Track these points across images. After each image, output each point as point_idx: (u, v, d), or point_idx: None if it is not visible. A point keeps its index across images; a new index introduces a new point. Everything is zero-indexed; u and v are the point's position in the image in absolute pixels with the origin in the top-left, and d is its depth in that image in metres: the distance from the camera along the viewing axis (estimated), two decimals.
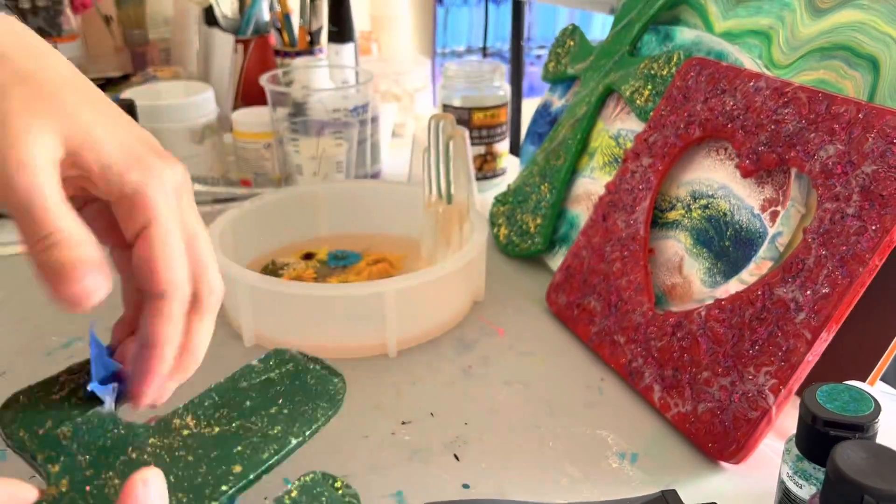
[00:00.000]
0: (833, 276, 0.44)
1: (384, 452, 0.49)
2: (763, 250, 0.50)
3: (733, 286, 0.51)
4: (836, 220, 0.45)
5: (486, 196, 0.88)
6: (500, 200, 0.79)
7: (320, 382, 0.39)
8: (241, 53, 1.06)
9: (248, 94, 1.06)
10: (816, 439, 0.36)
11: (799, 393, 0.44)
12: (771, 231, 0.50)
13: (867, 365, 0.48)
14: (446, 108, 0.91)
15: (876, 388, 0.49)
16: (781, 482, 0.39)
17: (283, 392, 0.38)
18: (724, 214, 0.54)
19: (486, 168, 0.91)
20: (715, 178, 0.56)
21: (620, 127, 0.68)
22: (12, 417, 0.35)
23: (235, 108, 1.03)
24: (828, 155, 0.46)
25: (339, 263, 0.71)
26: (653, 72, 0.64)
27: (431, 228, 0.69)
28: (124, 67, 1.21)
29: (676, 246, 0.57)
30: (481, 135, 0.90)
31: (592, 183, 0.69)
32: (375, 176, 0.95)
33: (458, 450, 0.49)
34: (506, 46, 1.58)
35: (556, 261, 0.70)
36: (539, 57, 1.65)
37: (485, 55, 1.60)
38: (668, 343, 0.52)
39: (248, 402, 0.37)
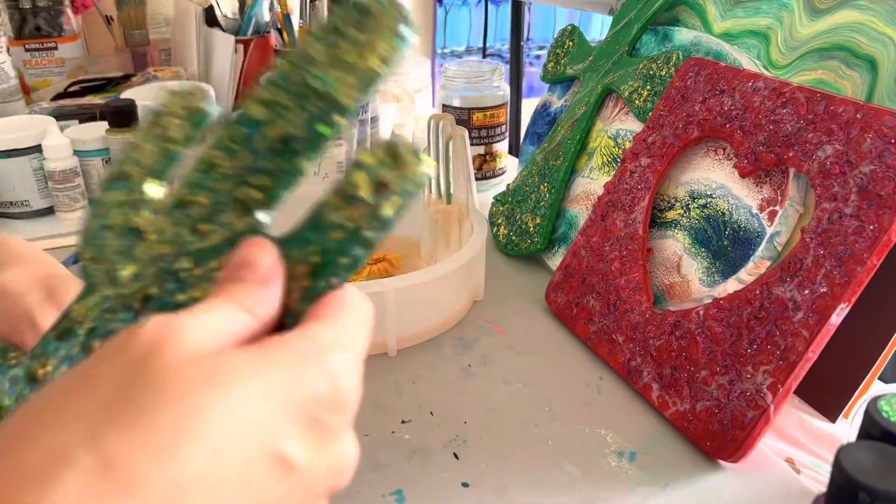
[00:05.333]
0: (831, 276, 0.44)
1: (384, 451, 0.49)
2: (761, 250, 0.50)
3: (731, 285, 0.51)
4: (834, 220, 0.45)
5: (485, 196, 0.88)
6: (500, 200, 0.79)
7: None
8: (242, 54, 1.06)
9: None
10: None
11: (797, 392, 0.45)
12: (769, 230, 0.50)
13: (865, 364, 0.48)
14: (446, 108, 0.91)
15: (884, 388, 0.49)
16: None
17: None
18: (723, 214, 0.54)
19: (485, 168, 0.92)
20: (713, 177, 0.56)
21: (619, 127, 0.68)
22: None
23: (235, 108, 1.02)
24: (826, 155, 0.47)
25: None
26: (651, 72, 0.65)
27: (431, 228, 0.70)
28: (125, 68, 1.21)
29: (675, 245, 0.57)
30: (481, 135, 0.90)
31: (591, 183, 0.69)
32: None
33: (458, 448, 0.49)
34: (505, 47, 1.59)
35: (556, 260, 0.70)
36: (538, 57, 1.66)
37: (484, 55, 1.60)
38: (666, 342, 0.52)
39: None
